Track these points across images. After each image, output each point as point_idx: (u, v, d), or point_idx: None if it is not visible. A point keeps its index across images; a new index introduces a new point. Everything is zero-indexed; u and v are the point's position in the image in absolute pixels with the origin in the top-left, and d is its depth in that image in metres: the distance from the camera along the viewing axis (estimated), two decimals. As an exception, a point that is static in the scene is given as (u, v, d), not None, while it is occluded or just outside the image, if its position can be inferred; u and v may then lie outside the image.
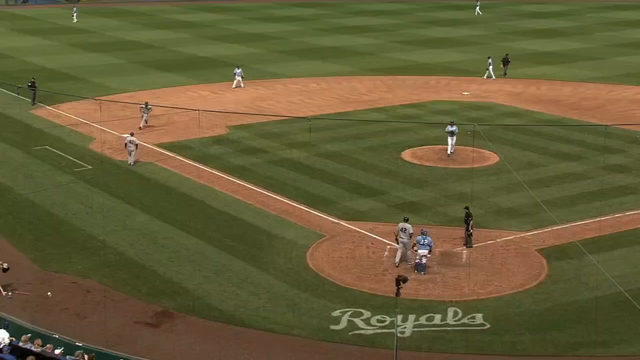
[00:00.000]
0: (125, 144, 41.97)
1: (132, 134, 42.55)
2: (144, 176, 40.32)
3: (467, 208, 31.39)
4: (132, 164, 41.61)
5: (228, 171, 40.78)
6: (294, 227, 33.41)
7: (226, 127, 50.16)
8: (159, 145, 45.63)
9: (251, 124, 50.59)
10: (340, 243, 31.81)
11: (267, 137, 47.96)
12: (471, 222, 31.02)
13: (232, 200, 36.70)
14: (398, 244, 29.26)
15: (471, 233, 31.03)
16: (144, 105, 47.93)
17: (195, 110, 39.45)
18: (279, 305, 26.60)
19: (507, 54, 67.06)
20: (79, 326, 24.91)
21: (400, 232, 29.54)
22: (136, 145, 41.89)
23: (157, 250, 31.07)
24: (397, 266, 28.98)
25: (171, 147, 45.29)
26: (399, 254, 29.46)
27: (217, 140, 46.96)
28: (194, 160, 42.40)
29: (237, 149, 45.28)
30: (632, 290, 26.62)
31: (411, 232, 29.63)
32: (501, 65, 65.25)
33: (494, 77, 63.82)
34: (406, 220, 30.09)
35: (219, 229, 33.29)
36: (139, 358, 21.70)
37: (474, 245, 31.12)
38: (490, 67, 64.45)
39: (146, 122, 47.90)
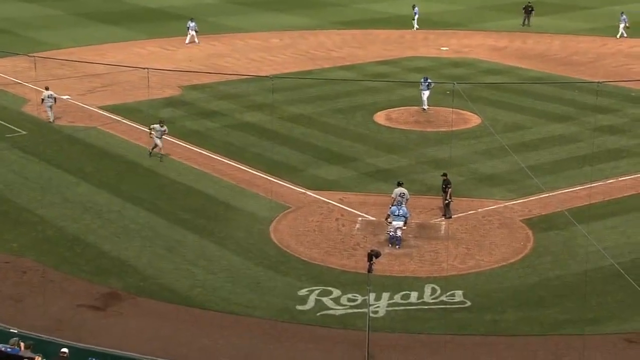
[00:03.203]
0: (43, 100, 41.58)
1: (47, 88, 42.03)
2: (86, 142, 39.87)
3: (445, 175, 31.53)
4: (52, 121, 41.41)
5: (181, 136, 40.48)
6: (256, 198, 33.33)
7: (179, 87, 49.69)
8: (103, 108, 45.12)
9: (207, 84, 50.17)
10: (307, 215, 31.83)
11: (225, 98, 47.62)
12: (449, 190, 31.19)
13: (186, 169, 36.49)
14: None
15: (449, 202, 31.22)
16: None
17: (144, 68, 38.91)
18: (239, 284, 26.60)
19: (529, 1, 66.62)
20: (14, 311, 24.66)
21: (399, 197, 29.64)
22: (54, 99, 41.60)
23: (102, 225, 30.82)
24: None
25: (117, 110, 44.82)
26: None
27: (169, 102, 46.52)
28: (143, 124, 41.95)
29: (191, 112, 44.98)
30: (624, 263, 26.95)
31: (408, 197, 29.84)
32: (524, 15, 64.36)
33: (625, 35, 62.73)
34: (401, 185, 30.10)
35: (171, 200, 33.14)
36: (83, 345, 21.56)
37: (453, 216, 31.32)
38: (622, 25, 62.46)
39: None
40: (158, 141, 37.13)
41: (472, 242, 29.60)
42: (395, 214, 28.88)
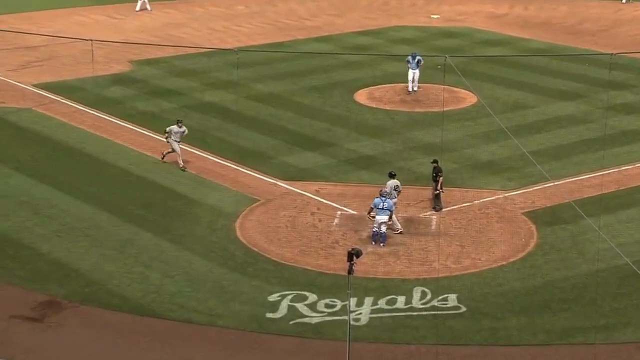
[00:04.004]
0: None
1: None
2: (19, 126, 39.62)
3: (435, 162, 31.63)
4: None
5: (132, 119, 40.39)
6: (219, 190, 33.31)
7: (129, 62, 49.47)
8: (39, 86, 44.84)
9: (161, 58, 50.00)
10: (278, 209, 31.85)
11: (183, 74, 47.48)
12: (441, 179, 31.31)
13: (139, 157, 36.40)
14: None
15: (439, 193, 31.35)
16: None
17: (87, 40, 38.64)
18: (200, 289, 26.59)
19: None
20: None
21: (394, 191, 29.73)
22: None
23: (39, 222, 30.68)
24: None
25: (55, 88, 44.55)
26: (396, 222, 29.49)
27: (117, 79, 46.31)
28: (87, 105, 41.80)
29: (143, 91, 44.84)
30: (641, 261, 27.35)
31: (401, 189, 30.06)
32: None
33: None
34: (393, 176, 30.26)
35: (121, 193, 33.06)
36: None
37: (445, 209, 31.45)
38: None
39: None
40: (176, 146, 34.77)
41: (467, 239, 29.72)
42: (379, 207, 28.96)
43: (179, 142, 34.82)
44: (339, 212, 31.52)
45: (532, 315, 25.33)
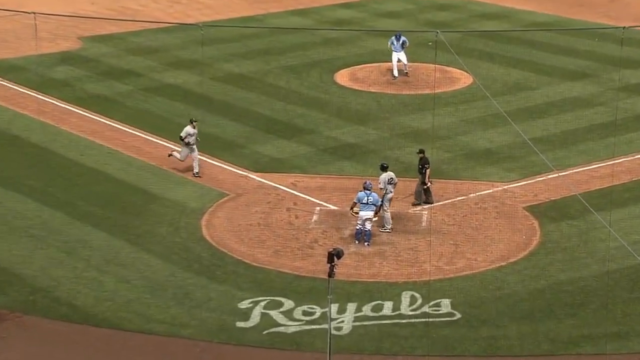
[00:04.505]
0: None
1: None
2: (-47, 112, 39.54)
3: (421, 152, 31.64)
4: None
5: (83, 103, 40.27)
6: (183, 184, 33.26)
7: (78, 39, 49.23)
8: (-24, 67, 44.67)
9: (115, 34, 49.78)
10: (250, 205, 31.82)
11: (140, 53, 47.32)
12: (428, 171, 31.32)
13: (90, 146, 36.31)
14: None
15: (428, 187, 31.36)
16: None
17: (29, 12, 38.38)
18: (161, 295, 26.54)
19: None
20: None
21: (388, 185, 29.74)
22: None
23: (-23, 221, 30.59)
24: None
25: (-6, 68, 44.47)
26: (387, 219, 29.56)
27: (65, 58, 46.15)
28: (31, 87, 41.50)
29: (95, 71, 44.66)
30: (657, 261, 27.48)
31: (396, 181, 30.09)
32: None
33: None
34: (386, 168, 30.26)
35: (71, 188, 32.94)
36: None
37: (437, 203, 31.47)
38: None
39: None
40: (192, 151, 33.53)
41: (462, 237, 29.78)
42: (363, 201, 28.96)
43: (194, 144, 33.63)
44: (317, 208, 31.53)
45: (535, 322, 25.39)
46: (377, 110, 40.15)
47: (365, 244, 29.05)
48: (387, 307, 25.82)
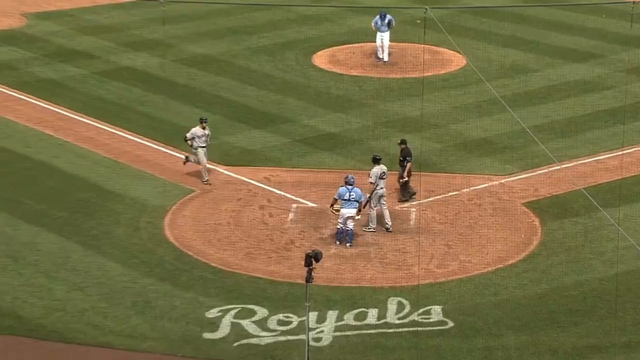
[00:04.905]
0: None
1: None
2: None
3: (403, 142, 31.60)
4: None
5: (29, 89, 40.13)
6: (143, 179, 33.17)
7: (22, 15, 49.04)
8: None
9: (65, 10, 49.63)
10: (219, 202, 31.77)
11: (93, 32, 47.12)
12: (408, 165, 31.25)
13: (39, 138, 36.17)
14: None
15: (406, 182, 31.27)
16: None
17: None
18: (119, 304, 26.38)
19: None
20: None
21: (379, 180, 29.69)
22: None
23: None
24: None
25: None
26: (373, 217, 29.55)
27: (7, 37, 45.92)
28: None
29: (42, 53, 44.46)
30: (669, 263, 27.61)
31: (386, 176, 30.08)
32: None
33: None
34: (378, 161, 30.16)
35: (15, 184, 32.76)
36: None
37: (427, 199, 31.40)
38: None
39: None
40: (202, 154, 32.75)
41: (455, 237, 29.77)
42: (345, 197, 28.90)
43: (204, 147, 33.01)
44: (294, 205, 31.49)
45: (536, 331, 25.36)
46: (360, 96, 40.12)
47: (347, 244, 28.99)
48: (372, 315, 25.74)
